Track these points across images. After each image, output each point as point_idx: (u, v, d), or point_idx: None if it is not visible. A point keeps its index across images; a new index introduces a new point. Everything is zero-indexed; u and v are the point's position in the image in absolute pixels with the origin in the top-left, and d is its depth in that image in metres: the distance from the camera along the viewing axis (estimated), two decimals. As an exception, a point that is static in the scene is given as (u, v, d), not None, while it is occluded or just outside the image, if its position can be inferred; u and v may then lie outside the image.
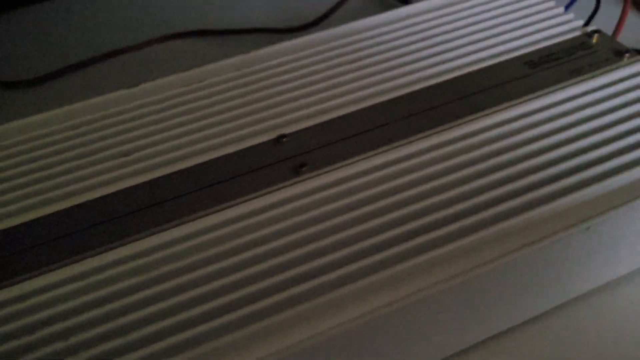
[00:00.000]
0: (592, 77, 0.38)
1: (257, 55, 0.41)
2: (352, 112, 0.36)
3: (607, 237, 0.32)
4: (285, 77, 0.39)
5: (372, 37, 0.41)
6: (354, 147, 0.34)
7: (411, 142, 0.35)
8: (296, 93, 0.37)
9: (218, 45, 0.54)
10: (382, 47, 0.40)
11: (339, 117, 0.36)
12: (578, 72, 0.38)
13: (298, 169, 0.33)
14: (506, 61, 0.39)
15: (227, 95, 0.38)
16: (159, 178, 0.33)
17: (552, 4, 0.43)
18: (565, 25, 0.41)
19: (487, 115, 0.36)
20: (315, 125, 0.35)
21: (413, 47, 0.40)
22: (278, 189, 0.32)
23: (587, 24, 0.49)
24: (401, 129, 0.35)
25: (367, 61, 0.39)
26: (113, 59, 0.54)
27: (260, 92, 0.38)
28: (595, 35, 0.40)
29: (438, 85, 0.38)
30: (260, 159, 0.34)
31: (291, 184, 0.32)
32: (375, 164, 0.33)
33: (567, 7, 0.50)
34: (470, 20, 0.42)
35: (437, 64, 0.39)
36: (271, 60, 0.40)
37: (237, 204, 0.32)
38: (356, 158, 0.34)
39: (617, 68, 0.38)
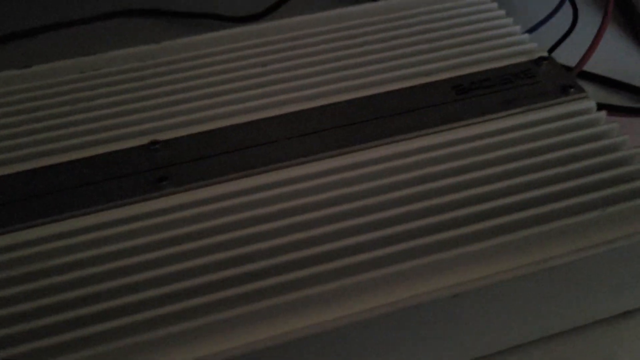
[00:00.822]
0: (524, 111, 0.33)
1: (167, 46, 0.37)
2: (239, 124, 0.32)
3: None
4: (184, 74, 0.35)
5: (296, 38, 0.37)
6: (230, 164, 0.31)
7: (298, 164, 0.31)
8: (186, 95, 0.34)
9: (168, 27, 0.51)
10: (300, 52, 0.36)
11: (224, 128, 0.32)
12: (510, 104, 0.33)
13: (157, 183, 0.29)
14: (432, 83, 0.34)
15: (116, 89, 0.34)
16: (8, 176, 0.30)
17: (508, 21, 0.39)
18: (514, 48, 0.36)
19: (393, 142, 0.32)
20: (195, 135, 0.32)
21: (333, 55, 0.36)
22: (130, 204, 0.29)
23: (557, 45, 0.44)
24: (292, 148, 0.31)
25: (278, 66, 0.35)
26: (61, 30, 0.51)
27: (151, 90, 0.34)
28: (544, 63, 0.35)
29: (346, 102, 0.33)
30: (125, 166, 0.30)
31: (145, 200, 0.29)
32: (246, 187, 0.30)
33: (534, 28, 0.45)
34: (407, 30, 0.37)
35: (353, 77, 0.35)
36: (180, 53, 0.37)
37: (82, 215, 0.28)
38: (228, 177, 0.30)
39: (555, 104, 0.33)
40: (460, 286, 0.26)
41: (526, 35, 0.38)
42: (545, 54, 0.36)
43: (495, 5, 0.40)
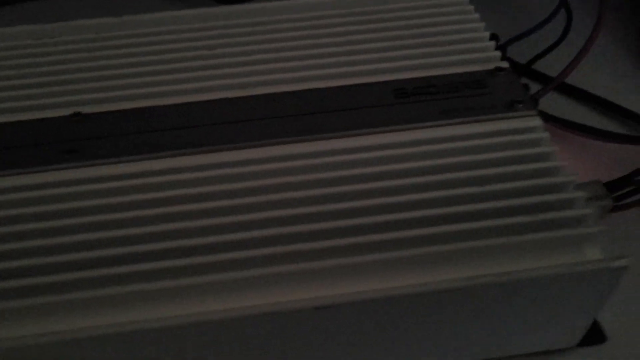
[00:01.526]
0: (461, 123, 0.31)
1: (126, 20, 0.37)
2: (166, 105, 0.32)
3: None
4: (132, 50, 0.35)
5: (253, 24, 0.36)
6: (146, 144, 0.30)
7: (217, 151, 0.30)
8: (125, 71, 0.34)
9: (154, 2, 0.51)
10: (250, 39, 0.35)
11: (150, 108, 0.32)
12: (449, 113, 0.32)
13: (62, 155, 0.30)
14: (371, 84, 0.33)
15: (61, 58, 0.35)
16: None
17: (478, 25, 0.36)
18: (474, 55, 0.34)
19: (316, 140, 0.30)
20: (120, 111, 0.32)
21: (281, 45, 0.35)
22: (29, 173, 0.29)
23: (544, 54, 0.42)
24: (215, 134, 0.31)
25: (225, 50, 0.35)
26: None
27: (94, 62, 0.34)
28: (500, 74, 0.33)
29: (280, 94, 0.33)
30: (42, 135, 0.31)
31: (46, 170, 0.29)
32: (155, 168, 0.29)
33: (525, 34, 0.42)
34: (365, 27, 0.36)
35: (292, 70, 0.33)
36: (136, 29, 0.37)
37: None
38: (141, 157, 0.30)
39: (497, 119, 0.31)
40: (323, 299, 0.24)
41: (492, 43, 0.35)
42: (505, 64, 0.34)
43: (471, 7, 0.38)
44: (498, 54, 0.35)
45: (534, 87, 0.39)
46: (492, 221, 0.27)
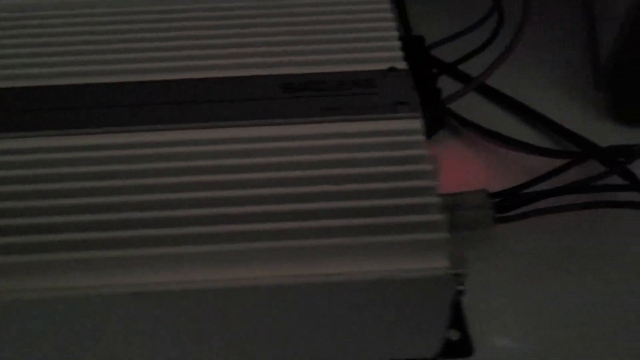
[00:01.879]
0: (341, 121, 0.31)
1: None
2: (59, 85, 0.33)
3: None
4: (49, 30, 0.36)
5: (140, 12, 0.37)
6: (34, 122, 0.31)
7: (103, 133, 0.31)
8: (32, 50, 0.35)
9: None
10: (151, 26, 0.35)
11: (46, 87, 0.33)
12: (332, 111, 0.32)
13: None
14: (260, 76, 0.33)
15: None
16: None
17: (389, 25, 0.36)
18: (372, 54, 0.34)
19: (191, 129, 0.31)
20: (16, 89, 0.33)
21: (177, 34, 0.35)
22: None
23: (470, 56, 0.41)
24: (100, 116, 0.32)
25: (128, 36, 0.35)
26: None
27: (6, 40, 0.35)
28: (391, 75, 0.33)
29: (162, 82, 0.33)
30: None
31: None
32: (43, 145, 0.30)
33: (458, 35, 0.41)
34: (269, 20, 0.36)
35: (182, 58, 0.34)
36: (59, 10, 0.37)
37: None
38: (24, 134, 0.31)
39: (378, 119, 0.31)
40: (142, 286, 0.25)
41: (397, 43, 0.35)
42: (402, 65, 0.33)
43: (386, 6, 0.37)
44: (399, 54, 0.34)
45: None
46: (340, 221, 0.27)
